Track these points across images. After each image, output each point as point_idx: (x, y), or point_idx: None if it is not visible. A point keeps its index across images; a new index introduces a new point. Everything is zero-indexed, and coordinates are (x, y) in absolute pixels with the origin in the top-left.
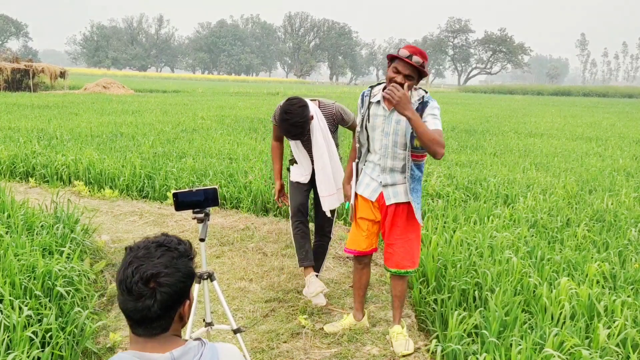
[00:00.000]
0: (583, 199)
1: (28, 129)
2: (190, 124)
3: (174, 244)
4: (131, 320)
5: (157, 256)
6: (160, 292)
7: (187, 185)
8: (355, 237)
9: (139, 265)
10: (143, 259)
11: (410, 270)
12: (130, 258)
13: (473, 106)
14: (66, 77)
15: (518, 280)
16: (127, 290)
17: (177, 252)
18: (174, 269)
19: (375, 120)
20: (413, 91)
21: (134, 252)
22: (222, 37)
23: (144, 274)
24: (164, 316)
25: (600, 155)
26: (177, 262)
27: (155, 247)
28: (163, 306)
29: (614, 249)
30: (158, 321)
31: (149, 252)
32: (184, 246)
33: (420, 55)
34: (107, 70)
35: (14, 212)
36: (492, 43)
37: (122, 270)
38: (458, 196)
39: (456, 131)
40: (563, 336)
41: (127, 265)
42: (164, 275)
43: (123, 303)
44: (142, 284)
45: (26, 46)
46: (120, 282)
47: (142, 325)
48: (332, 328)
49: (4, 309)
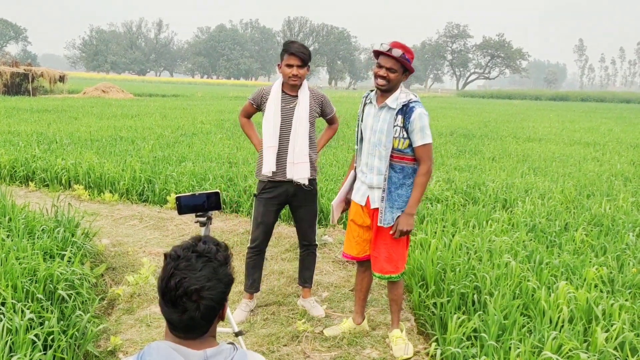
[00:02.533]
0: (581, 203)
1: (28, 132)
2: (190, 128)
3: (213, 253)
4: (173, 327)
5: (199, 268)
6: (204, 305)
7: (187, 189)
8: (348, 242)
9: (182, 278)
10: (185, 271)
11: (392, 275)
12: (172, 269)
13: (471, 111)
14: (65, 81)
15: (517, 284)
16: (171, 303)
17: (217, 261)
18: (216, 281)
19: (367, 119)
20: (401, 93)
21: (175, 263)
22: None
23: (188, 289)
24: (206, 324)
25: (598, 160)
26: (219, 272)
27: (196, 258)
28: (206, 316)
29: (612, 253)
30: (200, 328)
31: (191, 264)
32: (223, 253)
33: (402, 49)
34: (106, 75)
35: (15, 215)
36: (490, 48)
37: (165, 280)
38: (457, 200)
39: (455, 136)
40: (561, 339)
41: (170, 276)
42: (208, 289)
43: (167, 314)
44: (186, 299)
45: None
46: (163, 294)
47: (184, 332)
48: (331, 332)
49: (6, 312)
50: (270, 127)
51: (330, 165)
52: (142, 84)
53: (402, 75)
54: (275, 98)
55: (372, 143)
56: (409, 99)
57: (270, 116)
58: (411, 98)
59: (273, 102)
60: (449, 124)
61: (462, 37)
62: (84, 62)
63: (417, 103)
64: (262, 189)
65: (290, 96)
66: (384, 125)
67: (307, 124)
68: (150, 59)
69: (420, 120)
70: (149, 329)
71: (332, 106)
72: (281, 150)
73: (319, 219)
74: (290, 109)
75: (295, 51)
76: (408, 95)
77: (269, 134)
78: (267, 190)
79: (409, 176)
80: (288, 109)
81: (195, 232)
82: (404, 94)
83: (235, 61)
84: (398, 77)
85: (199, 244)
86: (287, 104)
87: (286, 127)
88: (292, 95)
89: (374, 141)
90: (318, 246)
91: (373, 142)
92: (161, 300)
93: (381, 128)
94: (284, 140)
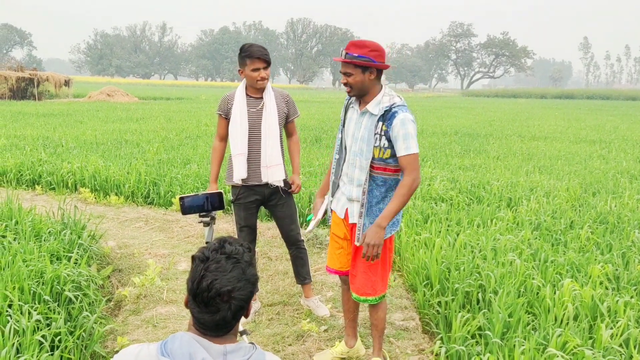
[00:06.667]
0: (586, 201)
1: (34, 137)
2: (194, 130)
3: (240, 254)
4: (203, 326)
5: (229, 269)
6: (235, 305)
7: (191, 191)
8: (330, 255)
9: (213, 280)
10: (216, 272)
11: (369, 298)
12: (202, 271)
13: (476, 110)
14: (70, 86)
15: (521, 282)
16: (204, 304)
17: (245, 262)
18: (245, 282)
19: (350, 125)
20: (384, 97)
21: (205, 264)
22: (224, 44)
23: (221, 290)
24: (234, 322)
25: (604, 158)
26: (247, 272)
27: (225, 260)
28: (236, 315)
29: (617, 250)
30: (228, 326)
31: (221, 266)
32: (249, 254)
33: (355, 48)
34: (111, 78)
35: (22, 219)
36: (494, 47)
37: (195, 282)
38: (461, 199)
39: (459, 135)
40: (566, 336)
41: (201, 278)
42: (238, 290)
43: (199, 314)
44: (219, 300)
45: (30, 55)
46: (194, 295)
47: (214, 330)
48: (322, 357)
49: (14, 313)
50: (238, 133)
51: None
52: (146, 87)
53: (363, 75)
54: (240, 103)
55: (352, 152)
56: (391, 103)
57: (237, 121)
58: (394, 102)
59: (238, 107)
60: (453, 124)
61: (466, 36)
62: (89, 66)
63: (401, 107)
64: (237, 195)
65: (255, 99)
66: (365, 133)
67: (276, 126)
68: (154, 62)
69: (402, 127)
70: (155, 329)
71: (296, 108)
72: (253, 156)
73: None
74: (257, 113)
75: (260, 55)
76: (392, 98)
77: (236, 141)
78: (242, 195)
79: (392, 189)
80: (255, 112)
81: (200, 234)
82: (387, 97)
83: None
84: (360, 79)
85: (226, 246)
86: (253, 107)
87: (255, 131)
88: (257, 98)
89: (355, 150)
90: (321, 246)
91: (354, 151)
92: (192, 302)
93: (362, 136)
94: (255, 144)
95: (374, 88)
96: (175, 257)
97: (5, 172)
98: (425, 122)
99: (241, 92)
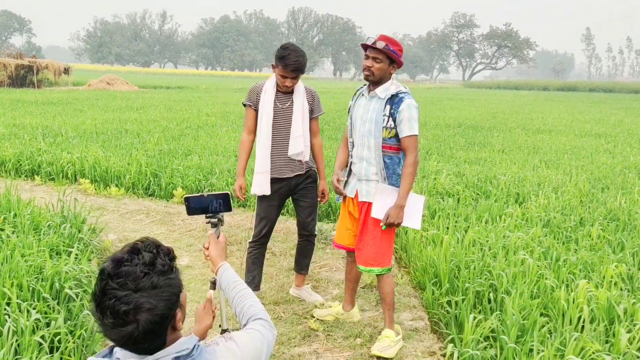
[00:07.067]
0: (596, 197)
1: (33, 125)
2: (195, 120)
3: (149, 263)
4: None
5: (133, 286)
6: (144, 323)
7: (193, 183)
8: (340, 231)
9: (113, 298)
10: (117, 290)
11: (374, 268)
12: (102, 289)
13: (479, 102)
14: (70, 74)
15: (534, 283)
16: (108, 324)
17: (157, 272)
18: (155, 297)
19: (358, 110)
20: (392, 85)
21: (104, 281)
22: (225, 33)
23: (121, 310)
24: (152, 338)
25: (610, 152)
26: (158, 285)
27: (130, 273)
28: (149, 333)
29: (630, 249)
30: (142, 343)
31: (124, 281)
32: (163, 260)
33: (386, 41)
34: (110, 67)
35: (20, 211)
36: (497, 38)
37: (97, 299)
38: (468, 194)
39: (463, 127)
40: (584, 341)
41: (101, 296)
42: (147, 307)
43: (105, 332)
44: (123, 319)
45: (30, 42)
46: (96, 312)
47: (130, 347)
48: (321, 313)
49: (12, 312)
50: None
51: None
52: (146, 75)
53: (388, 66)
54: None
55: (361, 133)
56: (398, 90)
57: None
58: (401, 89)
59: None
60: (456, 116)
61: (468, 27)
62: (89, 54)
63: (407, 94)
64: None
65: (285, 94)
66: (373, 115)
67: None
68: (154, 51)
69: (408, 111)
70: None
71: (321, 106)
72: (279, 149)
73: (329, 214)
74: (285, 109)
75: (293, 68)
76: (398, 87)
77: (261, 156)
78: None
79: (397, 165)
80: (283, 108)
81: (202, 227)
82: (394, 85)
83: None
84: (383, 68)
85: (133, 256)
86: (282, 103)
87: (283, 128)
88: (287, 93)
89: (363, 131)
90: (325, 241)
91: (362, 133)
92: (97, 320)
93: (370, 117)
94: (281, 139)
95: (387, 78)
96: (177, 251)
97: (4, 162)
98: (428, 114)
99: (271, 85)
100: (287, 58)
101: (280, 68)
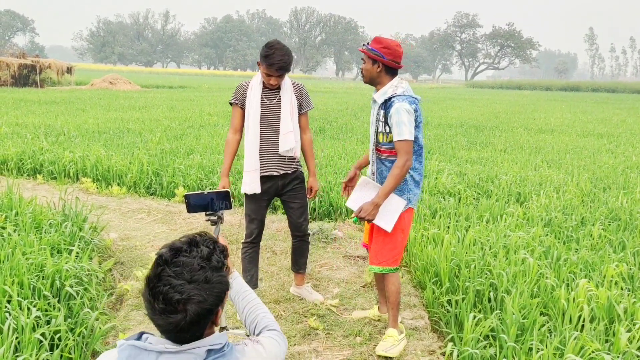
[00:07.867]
0: (597, 197)
1: (35, 125)
2: (197, 119)
3: (206, 257)
4: (159, 329)
5: (189, 277)
6: (192, 314)
7: (195, 182)
8: (365, 232)
9: (167, 285)
10: (172, 278)
11: (375, 267)
12: (158, 275)
13: (481, 102)
14: (73, 73)
15: (535, 282)
16: (157, 309)
17: (212, 268)
18: (206, 291)
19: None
20: (389, 88)
21: (161, 267)
22: (228, 33)
23: (174, 298)
24: (195, 329)
25: (612, 152)
26: (211, 280)
27: (186, 264)
28: (193, 324)
29: (631, 248)
30: (185, 333)
31: (180, 271)
32: (218, 257)
33: (373, 42)
34: (113, 66)
35: (22, 209)
36: (499, 38)
37: (151, 285)
38: (469, 194)
39: (465, 127)
40: (583, 341)
41: (156, 282)
42: (197, 299)
43: (152, 316)
44: (172, 307)
45: (33, 42)
46: (147, 297)
47: (169, 334)
48: (358, 314)
49: (12, 309)
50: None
51: (339, 157)
52: (149, 75)
53: (373, 66)
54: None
55: (370, 138)
56: (393, 94)
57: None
58: (395, 92)
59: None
60: (458, 115)
61: (471, 27)
62: (91, 53)
63: (399, 97)
64: None
65: (272, 90)
66: (372, 119)
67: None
68: (157, 50)
69: (396, 115)
70: None
71: (310, 100)
72: (268, 147)
73: (329, 213)
74: (273, 106)
75: (277, 67)
76: (396, 89)
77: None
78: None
79: None
80: (270, 105)
81: (204, 226)
82: (392, 88)
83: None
84: (369, 69)
85: (192, 248)
86: (269, 99)
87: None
88: (274, 89)
89: (369, 135)
90: (326, 240)
91: (369, 137)
92: (145, 303)
93: (371, 122)
94: (270, 136)
95: (382, 80)
96: None
97: (7, 160)
98: (430, 114)
99: (257, 82)
100: (272, 57)
101: (265, 66)
